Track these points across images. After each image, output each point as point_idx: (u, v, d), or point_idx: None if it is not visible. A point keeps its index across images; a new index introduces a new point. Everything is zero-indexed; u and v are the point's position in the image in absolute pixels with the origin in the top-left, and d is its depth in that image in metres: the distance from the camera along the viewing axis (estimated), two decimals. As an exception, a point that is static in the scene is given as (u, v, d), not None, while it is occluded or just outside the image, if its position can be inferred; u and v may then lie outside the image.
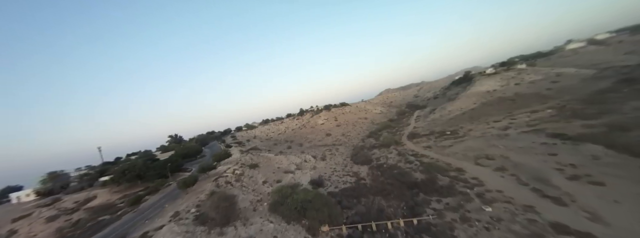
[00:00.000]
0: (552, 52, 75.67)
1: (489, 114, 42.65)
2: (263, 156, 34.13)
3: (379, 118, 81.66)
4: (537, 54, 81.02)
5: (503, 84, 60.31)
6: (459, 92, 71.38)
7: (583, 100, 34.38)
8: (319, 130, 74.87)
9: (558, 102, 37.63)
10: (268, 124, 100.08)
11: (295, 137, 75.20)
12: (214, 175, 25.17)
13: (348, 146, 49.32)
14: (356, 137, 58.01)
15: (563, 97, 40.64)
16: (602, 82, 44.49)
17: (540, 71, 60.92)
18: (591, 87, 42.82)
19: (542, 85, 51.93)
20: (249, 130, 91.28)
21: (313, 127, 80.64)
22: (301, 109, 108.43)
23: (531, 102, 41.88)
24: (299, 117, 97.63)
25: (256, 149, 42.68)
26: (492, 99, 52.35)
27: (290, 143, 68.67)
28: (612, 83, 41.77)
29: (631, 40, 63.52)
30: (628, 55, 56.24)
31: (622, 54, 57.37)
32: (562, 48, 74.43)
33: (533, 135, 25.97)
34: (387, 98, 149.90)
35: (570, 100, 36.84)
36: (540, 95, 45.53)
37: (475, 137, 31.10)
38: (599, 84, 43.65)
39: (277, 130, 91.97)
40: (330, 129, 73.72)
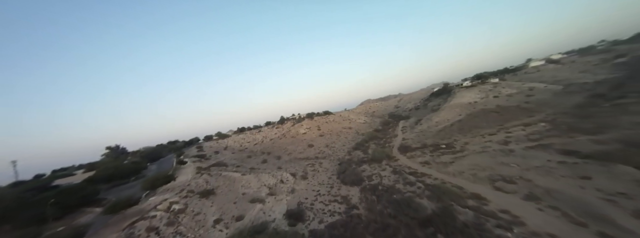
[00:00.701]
0: (518, 69, 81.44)
1: (479, 126, 40.84)
2: (225, 176, 25.91)
3: (364, 128, 77.97)
4: (505, 70, 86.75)
5: (483, 96, 61.36)
6: (441, 103, 71.62)
7: (569, 114, 33.88)
8: (300, 141, 67.85)
9: (545, 115, 37.03)
10: (244, 133, 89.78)
11: (273, 148, 66.87)
12: (134, 214, 16.13)
13: (333, 160, 43.27)
14: (341, 148, 52.46)
15: (545, 110, 40.71)
16: (573, 96, 46.54)
17: (513, 85, 63.65)
18: (566, 101, 44.19)
19: (519, 99, 53.18)
20: (220, 140, 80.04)
21: (294, 137, 73.36)
22: (282, 116, 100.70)
23: (517, 115, 41.21)
24: (278, 125, 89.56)
25: (220, 165, 34.06)
26: (476, 111, 51.82)
27: (267, 155, 60.18)
28: (584, 98, 43.56)
29: (581, 60, 71.04)
30: (583, 73, 61.65)
31: (577, 72, 62.87)
32: (526, 65, 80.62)
33: (542, 152, 23.01)
34: (369, 108, 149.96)
35: (555, 114, 36.48)
36: (522, 108, 45.70)
37: (476, 152, 27.60)
38: (572, 98, 45.46)
39: (253, 139, 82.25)
40: (313, 139, 67.29)
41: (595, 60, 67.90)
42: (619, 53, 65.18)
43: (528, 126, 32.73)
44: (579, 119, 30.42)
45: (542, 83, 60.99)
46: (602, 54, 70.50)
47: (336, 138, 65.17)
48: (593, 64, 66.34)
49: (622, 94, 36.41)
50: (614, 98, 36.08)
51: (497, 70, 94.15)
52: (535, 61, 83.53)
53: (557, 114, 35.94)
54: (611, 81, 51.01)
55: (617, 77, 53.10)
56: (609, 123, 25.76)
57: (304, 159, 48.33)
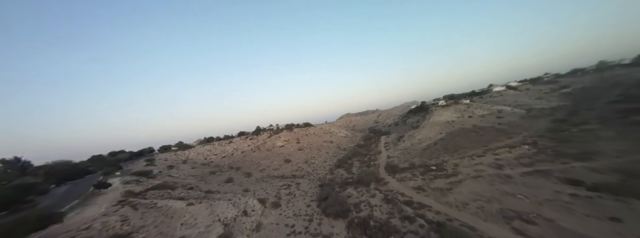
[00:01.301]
0: (483, 92, 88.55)
1: (462, 145, 39.75)
2: (160, 208, 17.86)
3: (346, 142, 74.18)
4: (473, 93, 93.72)
5: (458, 115, 63.26)
6: (420, 121, 72.42)
7: (546, 138, 34.43)
8: (276, 155, 60.48)
9: (523, 137, 37.44)
10: (211, 144, 78.32)
11: (244, 163, 58.05)
12: None
13: (313, 179, 37.33)
14: (322, 165, 46.93)
15: (520, 132, 41.80)
16: (538, 120, 49.72)
17: (483, 107, 67.45)
18: (534, 124, 46.65)
19: (492, 120, 55.43)
20: (179, 151, 67.65)
21: (269, 150, 65.63)
22: (258, 127, 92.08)
23: (496, 136, 41.46)
24: (253, 136, 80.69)
25: (164, 188, 25.19)
26: (455, 130, 52.05)
27: (234, 171, 51.31)
28: (549, 122, 46.51)
29: (534, 89, 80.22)
30: (538, 100, 68.54)
31: (534, 99, 69.83)
32: (490, 90, 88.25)
33: (544, 180, 20.93)
34: (349, 121, 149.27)
35: (531, 137, 37.14)
36: (497, 129, 46.85)
37: (472, 178, 24.82)
38: (538, 122, 48.40)
39: (222, 151, 71.72)
40: (291, 154, 60.59)
41: (545, 89, 77.08)
42: (562, 84, 74.99)
43: (513, 148, 31.95)
44: (558, 142, 30.52)
45: (507, 106, 65.72)
46: (549, 84, 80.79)
47: (317, 153, 59.62)
48: (544, 92, 74.86)
49: (584, 121, 39.07)
50: (577, 123, 38.40)
51: (465, 93, 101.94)
52: (497, 86, 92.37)
53: (534, 137, 36.55)
54: (563, 108, 56.77)
55: (567, 104, 59.69)
56: (591, 149, 25.58)
57: (278, 178, 41.32)
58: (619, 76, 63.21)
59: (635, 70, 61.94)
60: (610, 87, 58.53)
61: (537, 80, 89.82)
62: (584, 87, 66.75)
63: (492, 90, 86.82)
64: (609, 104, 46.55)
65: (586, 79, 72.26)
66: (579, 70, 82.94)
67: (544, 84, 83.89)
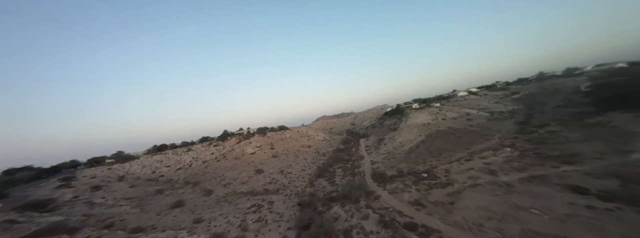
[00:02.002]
0: (449, 97, 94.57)
1: (445, 148, 38.58)
2: None
3: (324, 146, 69.35)
4: (440, 97, 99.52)
5: (433, 118, 64.61)
6: (397, 123, 72.36)
7: (521, 139, 35.11)
8: (246, 164, 51.87)
9: (499, 139, 37.95)
10: (163, 153, 64.42)
11: (204, 176, 47.96)
12: None
13: (290, 194, 30.98)
14: (300, 175, 40.82)
15: (493, 134, 42.92)
16: (503, 122, 52.92)
17: (453, 110, 70.73)
18: (501, 126, 49.12)
19: (463, 122, 57.46)
20: (117, 165, 52.95)
21: (238, 158, 56.45)
22: (225, 131, 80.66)
23: (474, 138, 41.70)
24: (218, 143, 69.55)
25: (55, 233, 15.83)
26: (433, 132, 52.01)
27: (191, 188, 41.34)
28: (514, 124, 49.60)
29: (491, 94, 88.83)
30: (497, 104, 75.16)
31: (493, 103, 76.47)
32: (455, 94, 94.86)
33: (546, 188, 19.09)
34: (326, 124, 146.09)
35: (505, 138, 37.93)
36: (471, 131, 47.95)
37: (470, 187, 22.16)
38: (504, 124, 51.38)
39: (176, 162, 59.22)
40: (264, 162, 52.75)
41: (500, 94, 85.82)
42: (513, 91, 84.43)
43: (496, 151, 31.27)
44: (535, 144, 30.80)
45: (472, 109, 70.09)
46: (502, 91, 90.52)
47: (293, 159, 53.12)
48: (499, 98, 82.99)
49: (544, 123, 41.88)
50: (540, 126, 40.87)
51: (433, 97, 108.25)
52: (460, 92, 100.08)
53: (508, 138, 37.27)
54: (519, 111, 62.50)
55: (521, 108, 66.28)
56: (569, 150, 25.67)
57: (247, 194, 33.67)
58: (556, 85, 73.58)
59: (567, 80, 73.07)
60: (552, 94, 67.09)
61: (492, 87, 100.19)
62: (531, 93, 75.69)
63: (457, 95, 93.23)
64: (557, 108, 52.15)
65: (531, 86, 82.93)
66: (524, 79, 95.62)
67: (497, 90, 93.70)
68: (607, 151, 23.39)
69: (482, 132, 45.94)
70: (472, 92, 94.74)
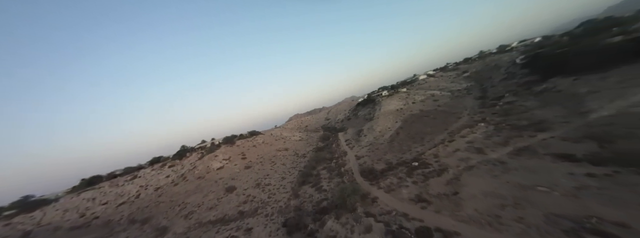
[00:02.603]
0: (412, 81, 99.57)
1: (424, 131, 38.33)
2: None
3: (303, 147, 64.68)
4: (405, 82, 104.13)
5: (404, 103, 66.03)
6: (371, 112, 72.21)
7: (487, 113, 36.83)
8: (212, 182, 43.65)
9: (468, 116, 39.40)
10: (97, 187, 50.10)
11: (158, 208, 38.35)
12: None
13: (271, 213, 25.74)
14: (281, 185, 35.56)
15: (460, 111, 44.91)
16: (465, 99, 56.77)
17: (419, 93, 73.88)
18: (465, 103, 52.35)
19: (431, 103, 59.87)
20: (21, 216, 38.01)
21: (202, 177, 47.46)
22: (183, 146, 68.25)
23: (446, 117, 42.76)
24: (174, 162, 57.95)
25: None
26: (408, 116, 52.50)
27: (139, 227, 32.06)
28: (475, 100, 53.51)
29: (445, 75, 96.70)
30: (453, 83, 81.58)
31: (449, 83, 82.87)
32: (417, 78, 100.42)
33: (537, 160, 18.63)
34: (301, 122, 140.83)
35: (474, 114, 39.66)
36: (441, 111, 49.72)
37: (467, 170, 20.83)
38: (466, 100, 55.02)
39: (117, 196, 46.72)
40: (235, 176, 45.31)
41: (453, 75, 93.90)
42: (462, 70, 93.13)
43: (472, 128, 31.69)
44: (502, 116, 32.19)
45: (435, 90, 74.44)
46: (454, 71, 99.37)
47: (270, 168, 47.09)
48: (453, 77, 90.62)
49: (499, 96, 45.59)
50: (497, 98, 44.19)
51: (397, 83, 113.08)
52: (421, 75, 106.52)
53: (476, 114, 39.00)
54: (473, 87, 68.65)
55: (473, 84, 73.08)
56: (536, 118, 26.98)
57: (216, 223, 27.04)
58: (495, 61, 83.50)
59: (503, 56, 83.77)
60: (493, 69, 75.53)
61: (445, 68, 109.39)
62: (477, 71, 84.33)
63: (419, 79, 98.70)
64: (503, 80, 58.23)
65: (476, 64, 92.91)
66: (469, 59, 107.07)
67: (450, 71, 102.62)
68: (567, 114, 24.96)
69: (451, 110, 47.86)
70: (430, 75, 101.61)
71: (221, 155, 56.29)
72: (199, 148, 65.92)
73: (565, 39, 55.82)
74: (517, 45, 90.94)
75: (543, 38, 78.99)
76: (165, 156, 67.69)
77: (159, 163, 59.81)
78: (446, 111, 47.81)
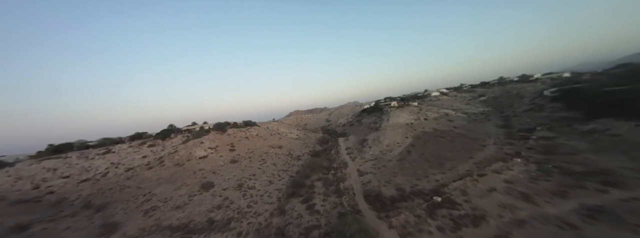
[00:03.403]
0: (424, 96, 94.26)
1: (442, 155, 32.73)
2: None
3: (298, 147, 58.79)
4: (415, 96, 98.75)
5: (415, 117, 60.44)
6: (378, 122, 66.60)
7: (519, 147, 31.37)
8: (191, 173, 37.61)
9: (494, 146, 33.90)
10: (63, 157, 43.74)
11: (121, 193, 32.14)
12: None
13: (246, 234, 19.95)
14: (266, 192, 29.66)
15: (483, 138, 39.31)
16: (484, 124, 51.25)
17: (432, 109, 68.38)
18: (484, 128, 46.82)
19: (445, 123, 54.37)
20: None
21: (181, 164, 41.36)
22: (171, 125, 61.97)
23: (467, 143, 37.20)
24: (156, 141, 51.70)
25: None
26: (419, 133, 46.92)
27: (88, 216, 25.82)
28: (494, 127, 48.16)
29: (460, 95, 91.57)
30: (468, 105, 76.39)
31: (464, 104, 77.63)
32: (429, 94, 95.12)
33: (631, 235, 13.07)
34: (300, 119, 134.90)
35: (500, 144, 34.20)
36: (458, 134, 44.16)
37: (517, 226, 15.17)
38: (485, 126, 49.58)
39: (82, 170, 40.52)
40: (218, 170, 39.32)
41: (468, 96, 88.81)
42: (479, 93, 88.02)
43: (506, 162, 26.12)
44: (544, 155, 26.66)
45: (449, 110, 69.02)
46: (469, 93, 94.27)
47: (259, 166, 41.12)
48: (468, 99, 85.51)
49: (527, 127, 40.21)
50: (526, 130, 38.80)
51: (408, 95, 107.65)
52: (433, 91, 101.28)
53: (503, 144, 33.55)
54: (490, 113, 63.41)
55: (490, 110, 67.86)
56: (593, 165, 21.49)
57: (178, 230, 21.10)
58: (516, 89, 78.58)
59: (526, 85, 78.88)
60: (515, 97, 70.43)
61: (459, 89, 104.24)
62: (495, 96, 79.23)
63: (431, 95, 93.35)
64: (528, 111, 52.96)
65: (494, 90, 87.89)
66: (486, 83, 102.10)
67: (465, 92, 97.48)
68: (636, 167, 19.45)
69: (471, 135, 42.38)
70: (443, 93, 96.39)
71: (208, 143, 50.20)
72: (186, 130, 59.70)
73: (604, 78, 50.85)
74: (542, 77, 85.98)
75: (572, 74, 73.97)
76: (149, 133, 61.38)
77: (139, 140, 53.50)
78: (465, 135, 42.31)
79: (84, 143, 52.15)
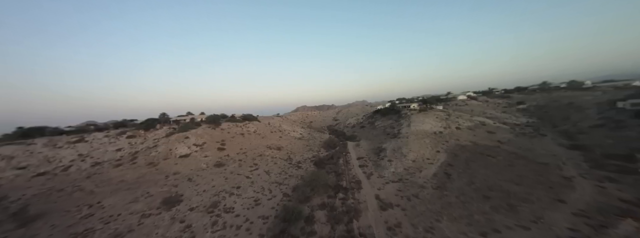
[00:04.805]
0: (447, 99, 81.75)
1: (503, 187, 22.30)
2: None
3: (301, 149, 49.67)
4: (436, 98, 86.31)
5: (443, 125, 49.43)
6: (396, 127, 56.04)
7: (630, 185, 20.40)
8: (158, 180, 29.45)
9: (581, 178, 22.98)
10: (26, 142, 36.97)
11: (67, 201, 24.26)
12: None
13: None
14: (245, 221, 20.79)
15: (552, 162, 28.32)
16: (538, 141, 39.74)
17: (463, 116, 56.78)
18: (546, 147, 35.36)
19: (484, 135, 43.21)
20: None
21: (155, 164, 33.28)
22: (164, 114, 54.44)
23: (535, 169, 26.36)
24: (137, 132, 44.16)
25: None
26: (453, 147, 36.32)
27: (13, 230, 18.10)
28: (555, 145, 36.61)
29: (492, 101, 78.26)
30: (504, 114, 63.87)
31: (500, 112, 65.10)
32: (454, 97, 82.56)
33: None
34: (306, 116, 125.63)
35: (596, 178, 23.22)
36: (510, 152, 33.17)
37: None
38: (544, 144, 37.97)
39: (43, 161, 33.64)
40: (194, 176, 30.92)
41: (503, 103, 75.59)
42: (517, 100, 74.41)
43: (636, 220, 15.49)
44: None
45: (483, 118, 57.12)
46: (502, 99, 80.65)
47: (247, 174, 32.26)
48: (503, 106, 72.46)
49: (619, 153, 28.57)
50: (618, 158, 27.30)
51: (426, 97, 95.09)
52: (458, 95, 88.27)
53: (599, 178, 22.59)
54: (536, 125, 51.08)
55: (535, 121, 55.38)
56: None
57: None
58: (567, 98, 64.78)
59: (579, 94, 64.84)
60: (570, 108, 57.20)
61: (489, 93, 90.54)
62: (539, 105, 65.94)
63: (457, 98, 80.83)
64: (598, 127, 40.63)
65: (536, 97, 74.13)
66: (524, 88, 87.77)
67: (497, 97, 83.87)
68: None
69: (528, 155, 31.35)
70: (471, 97, 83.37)
71: (194, 138, 42.05)
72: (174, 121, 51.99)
73: None
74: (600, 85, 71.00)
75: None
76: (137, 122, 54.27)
77: (119, 130, 46.26)
78: (522, 156, 31.31)
79: (57, 129, 45.64)
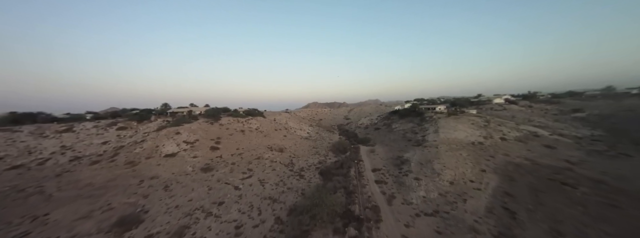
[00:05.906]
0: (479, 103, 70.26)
1: None
2: None
3: (306, 152, 43.04)
4: (466, 100, 75.01)
5: (482, 133, 39.88)
6: (419, 132, 47.29)
7: None
8: (130, 185, 24.53)
9: None
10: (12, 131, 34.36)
11: (22, 206, 20.10)
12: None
13: None
14: None
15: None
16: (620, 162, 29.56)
17: (506, 124, 46.39)
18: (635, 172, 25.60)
19: (542, 151, 33.27)
20: None
21: (134, 163, 28.52)
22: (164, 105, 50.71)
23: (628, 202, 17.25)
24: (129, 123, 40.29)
25: None
26: (503, 165, 27.38)
27: None
28: None
29: (537, 107, 65.76)
30: (557, 123, 52.01)
31: (552, 121, 53.26)
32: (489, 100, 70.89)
33: None
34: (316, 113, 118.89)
35: None
36: (582, 176, 23.69)
37: None
38: (635, 167, 28.02)
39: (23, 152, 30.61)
40: (173, 183, 25.63)
41: (552, 109, 62.84)
42: (571, 107, 61.26)
43: None
44: None
45: (533, 127, 46.20)
46: (550, 105, 67.37)
47: (238, 183, 26.09)
48: (553, 114, 59.92)
49: None
50: None
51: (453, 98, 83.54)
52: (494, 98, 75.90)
53: None
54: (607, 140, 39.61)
55: (604, 135, 43.51)
56: None
57: None
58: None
59: None
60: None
61: (531, 98, 76.89)
62: (603, 114, 52.84)
63: (493, 102, 68.97)
64: None
65: (599, 104, 60.45)
66: (580, 94, 73.26)
67: (542, 102, 70.50)
68: None
69: (625, 186, 21.72)
70: (510, 101, 70.85)
71: (185, 134, 37.10)
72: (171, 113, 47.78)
73: None
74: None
75: None
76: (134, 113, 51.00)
77: (111, 120, 42.80)
78: (614, 186, 21.78)
79: (50, 116, 43.29)
